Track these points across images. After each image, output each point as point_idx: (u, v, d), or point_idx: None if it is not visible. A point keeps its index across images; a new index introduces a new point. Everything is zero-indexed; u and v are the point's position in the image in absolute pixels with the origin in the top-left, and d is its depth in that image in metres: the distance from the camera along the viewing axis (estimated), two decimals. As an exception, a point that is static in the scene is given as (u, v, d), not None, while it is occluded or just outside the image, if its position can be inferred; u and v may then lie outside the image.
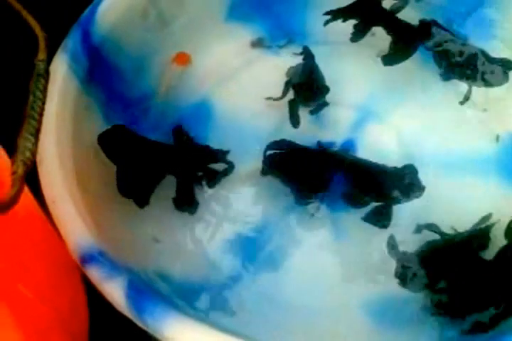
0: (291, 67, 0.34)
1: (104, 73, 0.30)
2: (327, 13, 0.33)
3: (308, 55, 0.33)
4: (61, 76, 0.27)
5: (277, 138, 0.32)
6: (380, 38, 0.34)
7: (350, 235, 0.30)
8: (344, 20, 0.33)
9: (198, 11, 0.33)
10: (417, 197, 0.29)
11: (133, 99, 0.31)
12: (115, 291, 0.22)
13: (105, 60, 0.30)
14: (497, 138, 0.32)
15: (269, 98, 0.33)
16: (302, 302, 0.28)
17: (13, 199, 0.17)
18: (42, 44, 0.22)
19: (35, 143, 0.19)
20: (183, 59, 0.34)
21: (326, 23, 0.33)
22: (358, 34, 0.34)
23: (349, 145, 0.32)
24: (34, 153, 0.19)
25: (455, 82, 0.33)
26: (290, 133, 0.32)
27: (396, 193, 0.29)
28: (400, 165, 0.30)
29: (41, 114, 0.20)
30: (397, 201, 0.29)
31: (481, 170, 0.31)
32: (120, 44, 0.30)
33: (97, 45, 0.29)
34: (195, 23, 0.34)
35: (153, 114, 0.32)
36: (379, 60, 0.35)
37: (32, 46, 0.22)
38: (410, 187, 0.29)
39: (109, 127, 0.29)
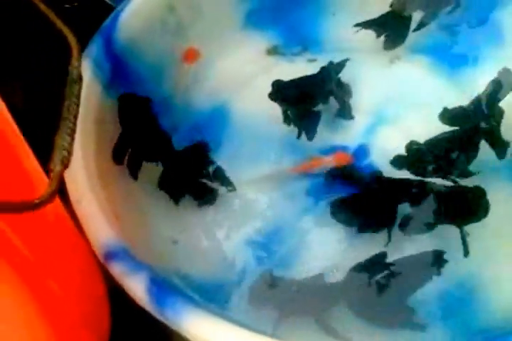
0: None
1: (125, 78, 0.31)
2: (357, 26, 0.35)
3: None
4: (85, 81, 0.28)
5: (292, 143, 0.33)
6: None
7: (363, 239, 0.31)
8: (378, 36, 0.35)
9: (215, 19, 0.34)
10: (484, 217, 0.30)
11: (153, 102, 0.32)
12: (137, 286, 0.23)
13: (126, 66, 0.31)
14: (508, 143, 0.32)
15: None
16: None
17: (51, 196, 0.18)
18: (75, 52, 0.23)
19: (71, 143, 0.20)
20: (191, 55, 0.34)
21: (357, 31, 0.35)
22: (390, 44, 0.35)
23: (362, 149, 0.33)
24: (70, 152, 0.20)
25: (467, 87, 0.34)
26: (304, 138, 0.33)
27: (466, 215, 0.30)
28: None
29: (76, 116, 0.21)
30: (467, 223, 0.30)
31: (490, 173, 0.32)
32: (140, 50, 0.31)
33: (119, 52, 0.30)
34: (213, 31, 0.35)
35: (173, 116, 0.33)
36: (392, 66, 0.36)
37: (63, 53, 0.23)
38: (478, 208, 0.30)
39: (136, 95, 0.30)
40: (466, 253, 0.29)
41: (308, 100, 0.34)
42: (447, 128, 0.32)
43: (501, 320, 0.27)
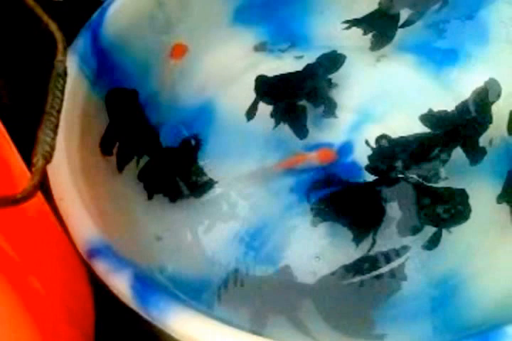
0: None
1: (111, 74, 0.31)
2: (346, 25, 0.35)
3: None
4: (71, 76, 0.27)
5: (277, 139, 0.33)
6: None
7: (346, 236, 0.31)
8: (365, 33, 0.35)
9: (203, 15, 0.34)
10: (465, 221, 0.30)
11: (139, 98, 0.32)
12: (121, 283, 0.23)
13: (113, 61, 0.31)
14: (490, 141, 0.33)
15: None
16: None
17: (33, 190, 0.18)
18: (60, 46, 0.23)
19: (54, 138, 0.20)
20: (179, 51, 0.34)
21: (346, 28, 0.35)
22: (378, 44, 0.35)
23: (347, 146, 0.33)
24: (53, 147, 0.20)
25: (452, 86, 0.35)
26: (290, 135, 0.33)
27: (445, 216, 0.30)
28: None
29: (59, 111, 0.21)
30: (447, 225, 0.30)
31: (474, 169, 0.32)
32: (127, 46, 0.31)
33: (106, 47, 0.30)
34: (201, 27, 0.35)
35: (159, 112, 0.33)
36: (378, 64, 0.36)
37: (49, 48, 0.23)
38: (459, 210, 0.30)
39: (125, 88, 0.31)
40: (430, 248, 0.30)
41: (291, 96, 0.34)
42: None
43: (483, 316, 0.27)
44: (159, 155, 0.32)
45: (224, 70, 0.35)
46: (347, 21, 0.35)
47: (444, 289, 0.29)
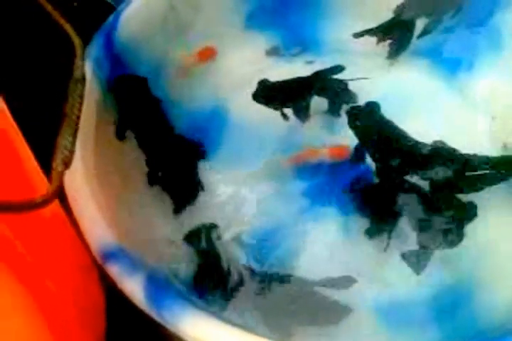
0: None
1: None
2: (360, 35, 0.35)
3: None
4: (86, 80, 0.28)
5: (289, 142, 0.33)
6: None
7: (360, 237, 0.30)
8: (378, 41, 0.35)
9: (216, 20, 0.34)
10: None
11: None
12: (134, 287, 0.23)
13: (126, 66, 0.31)
14: (504, 146, 0.32)
15: None
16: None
17: (53, 195, 0.18)
18: (78, 51, 0.23)
19: (73, 143, 0.20)
20: (207, 54, 0.35)
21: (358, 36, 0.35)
22: (395, 53, 0.35)
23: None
24: (72, 152, 0.20)
25: (464, 91, 0.35)
26: (302, 138, 0.34)
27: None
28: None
29: (79, 116, 0.21)
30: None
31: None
32: (140, 51, 0.31)
33: (119, 51, 0.30)
34: (212, 31, 0.35)
35: (170, 116, 0.33)
36: (391, 69, 0.36)
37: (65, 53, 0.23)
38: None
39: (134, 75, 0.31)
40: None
41: (294, 102, 0.34)
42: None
43: (494, 322, 0.27)
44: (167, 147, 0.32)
45: (237, 74, 0.35)
46: (361, 32, 0.35)
47: (455, 293, 0.29)
